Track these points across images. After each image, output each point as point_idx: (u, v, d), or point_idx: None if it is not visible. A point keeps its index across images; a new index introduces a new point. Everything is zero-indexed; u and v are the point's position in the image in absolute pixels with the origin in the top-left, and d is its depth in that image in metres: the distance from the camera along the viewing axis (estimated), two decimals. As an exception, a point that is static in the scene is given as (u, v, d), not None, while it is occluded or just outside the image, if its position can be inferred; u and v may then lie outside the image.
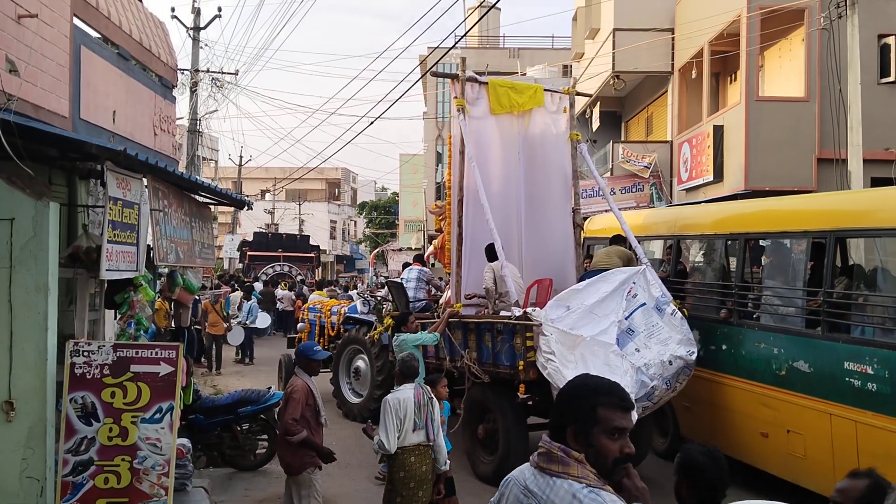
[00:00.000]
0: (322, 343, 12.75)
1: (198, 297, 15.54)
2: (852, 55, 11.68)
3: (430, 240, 22.58)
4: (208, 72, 24.51)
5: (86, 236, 6.98)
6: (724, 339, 8.40)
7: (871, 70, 12.83)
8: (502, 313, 8.44)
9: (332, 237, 61.10)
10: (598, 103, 22.61)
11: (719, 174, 15.91)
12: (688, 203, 15.49)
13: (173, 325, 12.24)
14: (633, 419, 2.57)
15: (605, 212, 10.86)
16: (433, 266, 13.04)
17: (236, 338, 18.80)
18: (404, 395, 6.04)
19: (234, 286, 24.23)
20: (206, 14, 35.79)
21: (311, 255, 37.01)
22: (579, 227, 10.30)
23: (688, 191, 17.63)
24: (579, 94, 11.20)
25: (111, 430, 5.68)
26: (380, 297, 12.41)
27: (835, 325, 7.06)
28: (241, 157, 40.65)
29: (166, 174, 7.16)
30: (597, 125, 23.09)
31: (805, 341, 7.30)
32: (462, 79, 9.49)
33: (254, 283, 26.90)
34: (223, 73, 25.02)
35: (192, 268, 9.71)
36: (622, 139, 22.61)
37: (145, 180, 6.92)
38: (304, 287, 27.71)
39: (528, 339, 7.82)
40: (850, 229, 7.27)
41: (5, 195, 5.40)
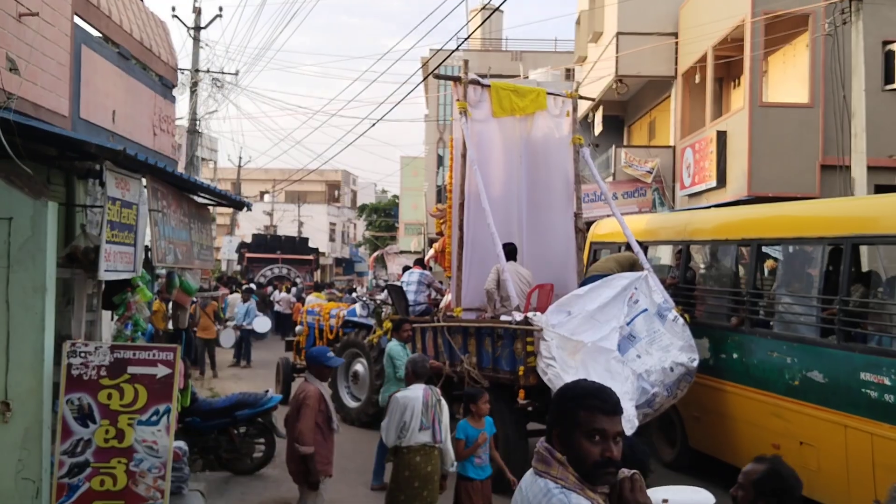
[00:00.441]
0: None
1: (194, 300, 15.46)
2: (856, 61, 11.65)
3: (431, 243, 22.53)
4: (208, 72, 24.49)
5: (84, 236, 6.93)
6: (735, 348, 8.21)
7: (875, 76, 12.80)
8: (503, 318, 8.38)
9: (332, 239, 61.03)
10: (601, 107, 22.57)
11: (722, 180, 15.87)
12: (694, 208, 15.41)
13: (171, 326, 12.20)
14: (625, 424, 2.56)
15: (610, 216, 10.74)
16: (431, 270, 12.98)
17: (228, 340, 18.71)
18: (413, 394, 6.11)
19: (234, 288, 24.19)
20: (207, 14, 35.77)
21: (310, 257, 36.90)
22: (581, 231, 10.24)
23: (690, 196, 17.58)
24: (582, 97, 11.15)
25: (108, 431, 5.64)
26: (379, 301, 12.36)
27: (851, 334, 6.85)
28: (241, 157, 40.68)
29: (165, 174, 7.12)
30: (599, 129, 23.05)
31: (819, 350, 7.10)
32: (464, 81, 9.44)
33: (249, 284, 26.81)
34: (223, 73, 25.00)
35: (190, 269, 9.66)
36: (625, 144, 22.55)
37: (144, 180, 6.87)
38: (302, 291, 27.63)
39: (528, 345, 7.75)
40: (868, 235, 7.06)
41: (3, 194, 5.36)
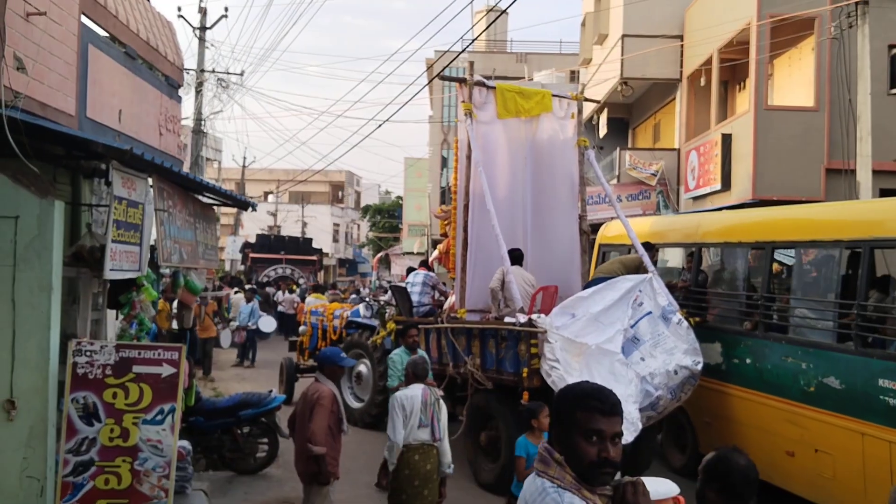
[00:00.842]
0: (323, 347, 12.70)
1: (198, 299, 15.45)
2: (862, 65, 11.63)
3: (434, 244, 22.52)
4: (214, 72, 24.51)
5: (90, 235, 6.95)
6: (748, 352, 8.10)
7: (881, 80, 12.80)
8: (507, 319, 8.38)
9: (335, 240, 61.02)
10: (606, 109, 22.55)
11: (727, 183, 15.84)
12: (700, 210, 15.40)
13: (175, 326, 12.21)
14: (627, 426, 2.63)
15: (616, 219, 10.67)
16: (433, 271, 12.99)
17: (227, 340, 18.72)
18: (412, 393, 6.22)
19: (238, 288, 24.24)
20: (213, 14, 35.83)
21: (314, 258, 36.91)
22: (585, 233, 10.24)
23: (695, 199, 17.56)
24: (587, 100, 11.17)
25: (112, 430, 5.65)
26: (383, 302, 12.36)
27: (869, 339, 6.73)
28: (245, 158, 40.67)
29: (171, 174, 7.13)
30: (604, 132, 23.02)
31: (836, 356, 6.96)
32: (470, 83, 9.44)
33: (252, 284, 26.83)
34: (229, 73, 25.01)
35: (195, 269, 9.67)
36: (629, 146, 22.53)
37: (150, 180, 6.88)
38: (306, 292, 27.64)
39: (532, 347, 7.75)
40: (889, 239, 6.91)
41: (10, 193, 5.37)
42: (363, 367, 11.89)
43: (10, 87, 5.54)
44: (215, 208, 9.92)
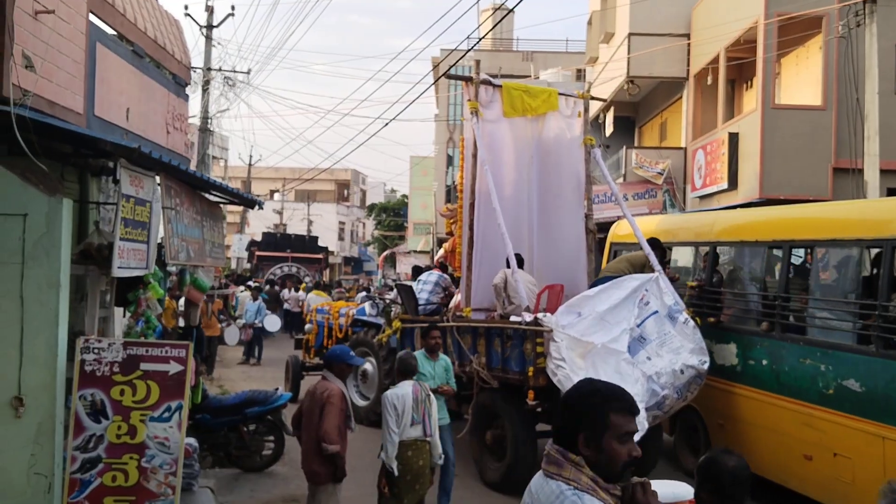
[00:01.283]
0: (329, 345, 12.72)
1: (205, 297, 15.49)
2: (870, 64, 11.58)
3: (440, 243, 22.52)
4: (220, 70, 24.55)
5: (98, 233, 6.97)
6: (765, 354, 7.94)
7: (888, 79, 12.73)
8: (512, 318, 8.38)
9: (341, 238, 61.11)
10: (612, 108, 22.52)
11: (734, 182, 15.81)
12: (709, 209, 15.36)
13: (182, 323, 12.23)
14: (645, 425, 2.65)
15: (623, 217, 10.57)
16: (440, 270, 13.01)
17: (233, 337, 18.76)
18: (402, 391, 6.31)
19: (248, 286, 24.35)
20: (220, 13, 35.87)
21: (320, 256, 37.01)
22: (592, 232, 10.23)
23: (701, 198, 17.53)
24: (594, 98, 11.14)
25: (120, 427, 5.67)
26: (389, 300, 12.38)
27: (890, 341, 6.54)
28: (252, 156, 40.75)
29: (179, 172, 7.15)
30: (610, 130, 23.00)
31: (856, 358, 6.79)
32: (476, 81, 9.44)
33: (260, 282, 26.91)
34: (235, 71, 25.06)
35: (202, 266, 9.70)
36: (636, 145, 22.48)
37: (158, 178, 6.91)
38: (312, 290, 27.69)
39: (538, 345, 7.76)
40: None
41: (19, 191, 5.40)
42: (369, 366, 11.91)
43: (18, 86, 5.56)
44: (222, 206, 9.94)
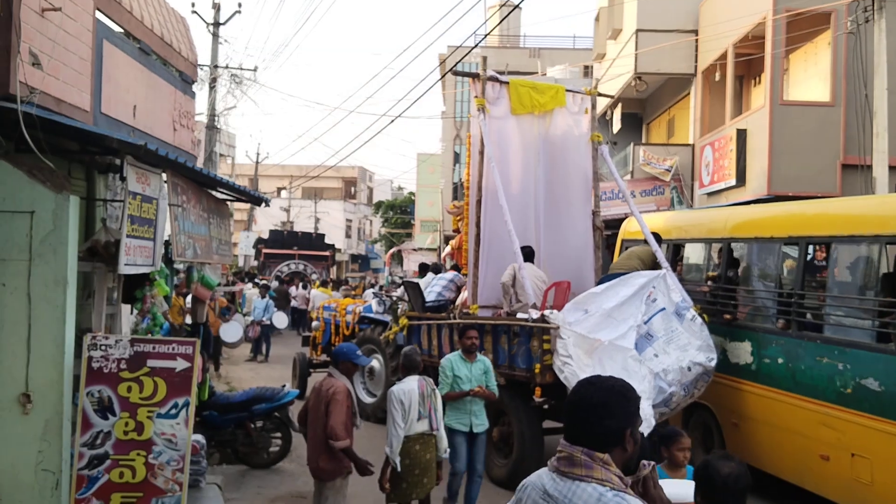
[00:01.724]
0: (337, 342, 12.74)
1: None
2: (879, 60, 11.53)
3: (447, 240, 22.54)
4: (227, 68, 24.56)
5: (105, 230, 6.99)
6: (780, 352, 7.79)
7: (897, 75, 12.65)
8: (519, 315, 8.37)
9: (348, 236, 61.18)
10: (620, 105, 22.46)
11: (742, 178, 15.76)
12: (717, 206, 15.29)
13: (189, 321, 12.25)
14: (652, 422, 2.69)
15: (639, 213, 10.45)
16: (446, 267, 13.02)
17: (233, 335, 18.71)
18: (408, 387, 6.34)
19: (256, 283, 24.44)
20: (226, 10, 35.93)
21: (327, 253, 37.08)
22: (599, 229, 10.21)
23: (709, 195, 17.48)
24: (601, 95, 11.13)
25: (127, 424, 5.69)
26: (395, 297, 12.39)
27: None
28: (258, 153, 40.84)
29: (186, 170, 7.16)
30: (618, 127, 22.93)
31: (875, 357, 6.64)
32: (483, 78, 9.43)
33: (268, 280, 27.01)
34: (242, 69, 25.06)
35: (209, 263, 9.71)
36: (643, 141, 22.45)
37: (164, 175, 6.91)
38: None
39: (545, 342, 7.75)
40: None
41: (26, 188, 5.41)
42: (376, 363, 11.92)
43: (25, 83, 5.58)
44: (229, 204, 9.95)
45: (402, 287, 12.77)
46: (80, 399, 5.62)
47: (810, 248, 8.06)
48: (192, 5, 23.63)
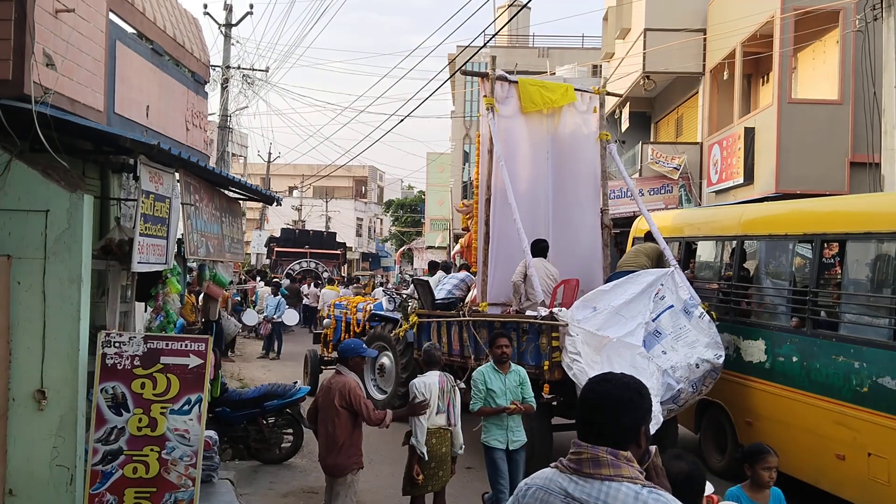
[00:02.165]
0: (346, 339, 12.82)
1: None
2: (887, 58, 11.48)
3: (456, 238, 22.59)
4: (239, 68, 24.69)
5: (118, 229, 7.08)
6: (795, 351, 7.73)
7: (906, 73, 12.60)
8: (528, 313, 8.42)
9: (359, 234, 61.36)
10: (628, 103, 22.45)
11: (750, 177, 15.74)
12: (726, 204, 15.30)
13: (202, 318, 12.35)
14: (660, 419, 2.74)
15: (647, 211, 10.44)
16: (457, 266, 13.09)
17: (251, 318, 18.91)
18: (430, 380, 6.56)
19: (270, 280, 24.68)
20: (238, 11, 36.03)
21: (338, 251, 37.21)
22: (607, 227, 10.25)
23: (717, 193, 17.46)
24: (610, 93, 11.14)
25: (141, 420, 5.76)
26: (405, 295, 12.46)
27: None
28: (270, 153, 40.99)
29: (198, 169, 7.24)
30: (626, 126, 22.92)
31: (892, 355, 6.58)
32: (492, 77, 9.47)
33: (281, 278, 27.21)
34: (254, 69, 25.18)
35: (221, 262, 9.80)
36: (651, 140, 22.42)
37: (177, 175, 6.99)
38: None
39: (553, 340, 7.79)
40: None
41: (41, 187, 5.50)
42: (386, 360, 12.00)
43: (39, 84, 5.66)
44: (241, 203, 10.04)
45: (412, 285, 12.84)
46: (95, 395, 5.70)
47: (825, 245, 7.95)
48: (205, 6, 23.72)
